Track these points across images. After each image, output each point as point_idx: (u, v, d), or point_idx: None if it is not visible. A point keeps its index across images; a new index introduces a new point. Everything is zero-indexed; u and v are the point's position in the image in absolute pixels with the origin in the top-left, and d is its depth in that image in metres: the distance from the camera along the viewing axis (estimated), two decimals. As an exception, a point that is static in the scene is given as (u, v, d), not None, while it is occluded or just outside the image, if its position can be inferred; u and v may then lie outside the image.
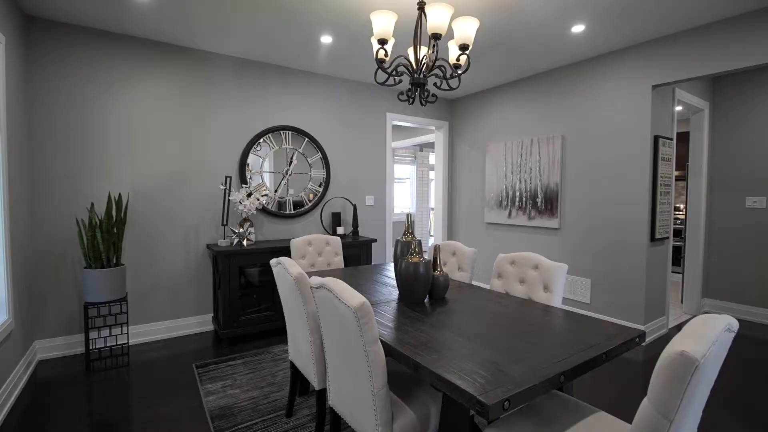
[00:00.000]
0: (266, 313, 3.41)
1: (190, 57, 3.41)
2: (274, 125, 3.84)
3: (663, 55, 3.13)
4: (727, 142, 4.11)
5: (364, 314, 1.32)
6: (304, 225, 4.09)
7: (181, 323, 3.45)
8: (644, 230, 3.30)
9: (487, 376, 1.19)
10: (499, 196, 4.55)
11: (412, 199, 8.15)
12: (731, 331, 1.05)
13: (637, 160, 3.33)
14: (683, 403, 0.93)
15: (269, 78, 3.81)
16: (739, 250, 4.04)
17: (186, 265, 3.46)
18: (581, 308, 3.79)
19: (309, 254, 3.09)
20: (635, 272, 3.36)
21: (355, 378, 1.45)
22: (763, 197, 3.87)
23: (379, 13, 2.05)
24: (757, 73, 3.91)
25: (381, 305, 1.93)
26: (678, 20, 2.83)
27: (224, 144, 3.60)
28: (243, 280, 3.39)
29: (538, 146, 4.11)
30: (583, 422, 1.38)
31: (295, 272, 1.82)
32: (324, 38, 3.18)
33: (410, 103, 2.30)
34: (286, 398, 2.38)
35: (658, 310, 3.52)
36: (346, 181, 4.37)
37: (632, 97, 3.35)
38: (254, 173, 3.75)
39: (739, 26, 2.73)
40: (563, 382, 1.24)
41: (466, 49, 2.12)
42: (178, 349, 3.14)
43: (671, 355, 0.93)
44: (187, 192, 3.44)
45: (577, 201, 3.79)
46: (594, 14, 2.75)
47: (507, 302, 1.99)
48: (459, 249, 2.73)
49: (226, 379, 2.62)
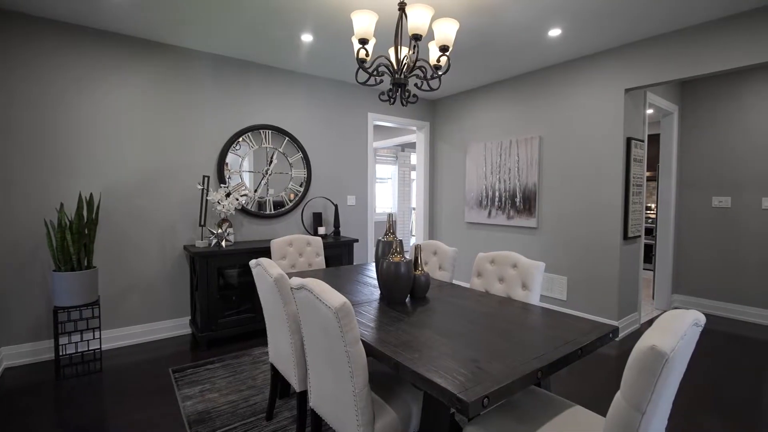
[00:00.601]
0: (246, 315, 3.36)
1: (167, 53, 3.32)
2: (254, 124, 3.79)
3: (635, 59, 3.24)
4: (695, 143, 4.29)
5: (345, 314, 1.32)
6: (285, 225, 4.04)
7: (156, 327, 3.35)
8: (617, 229, 3.41)
9: (467, 374, 1.20)
10: (480, 196, 4.61)
11: (394, 199, 8.18)
12: (698, 326, 1.09)
13: (610, 161, 3.44)
14: (654, 395, 0.96)
15: (249, 76, 3.75)
16: (706, 247, 4.22)
17: (162, 267, 3.37)
18: (558, 305, 3.88)
19: (289, 255, 3.06)
20: (609, 270, 3.47)
21: (337, 379, 1.44)
22: (728, 197, 4.06)
23: (359, 12, 2.04)
24: (723, 79, 4.09)
25: (362, 305, 1.93)
26: (649, 27, 2.94)
27: (202, 143, 3.52)
28: (222, 282, 3.33)
29: (517, 147, 4.19)
30: (560, 417, 1.42)
31: (275, 273, 1.79)
32: (305, 37, 3.15)
33: (391, 103, 2.31)
34: (266, 401, 2.35)
35: (630, 306, 3.64)
36: (328, 180, 4.34)
37: (606, 99, 3.46)
38: (233, 173, 3.69)
39: (706, 33, 2.85)
40: (540, 378, 1.26)
41: (447, 50, 2.14)
42: (153, 354, 3.06)
43: (642, 349, 0.96)
44: (163, 192, 3.35)
45: (554, 201, 3.88)
46: (570, 19, 2.82)
47: (486, 301, 2.02)
48: (440, 248, 2.76)
49: (204, 383, 2.56)
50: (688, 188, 4.34)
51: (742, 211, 3.98)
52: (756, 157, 3.88)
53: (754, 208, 3.90)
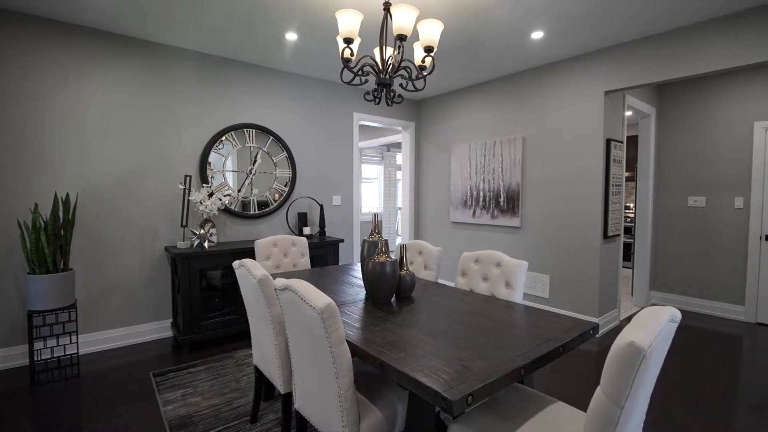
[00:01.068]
0: (230, 317, 3.31)
1: (149, 51, 3.24)
2: (238, 123, 3.73)
3: (614, 63, 3.32)
4: (672, 145, 4.42)
5: (329, 315, 1.31)
6: (269, 225, 4.00)
7: (137, 330, 3.27)
8: (598, 228, 3.49)
9: (452, 372, 1.21)
10: (464, 195, 4.65)
11: (380, 199, 8.18)
12: (674, 322, 1.13)
13: (591, 162, 3.52)
14: (633, 390, 0.99)
15: (232, 74, 3.69)
16: (682, 246, 4.35)
17: (142, 269, 3.29)
18: (541, 303, 3.95)
19: (274, 255, 3.02)
20: (590, 268, 3.55)
21: (322, 380, 1.43)
22: (703, 197, 4.20)
23: (344, 12, 2.03)
24: (699, 82, 4.23)
25: (348, 306, 1.92)
26: (627, 31, 3.01)
27: (184, 142, 3.45)
28: (205, 284, 3.27)
29: (501, 147, 4.24)
30: (543, 413, 1.44)
31: (258, 274, 1.77)
32: (289, 35, 3.12)
33: (376, 103, 2.31)
34: (250, 404, 2.32)
35: (610, 303, 3.73)
36: (313, 180, 4.31)
37: (587, 101, 3.53)
38: (216, 172, 3.63)
39: (683, 38, 2.94)
40: (524, 375, 1.28)
41: (431, 51, 2.15)
42: (133, 358, 2.98)
43: (621, 345, 0.99)
44: (144, 192, 3.28)
45: (537, 200, 3.95)
46: (552, 22, 2.87)
47: (471, 299, 2.04)
48: (425, 248, 2.77)
49: (186, 387, 2.51)
50: (665, 188, 4.47)
51: (715, 211, 4.12)
52: (728, 158, 4.03)
53: (727, 207, 4.04)
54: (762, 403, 2.40)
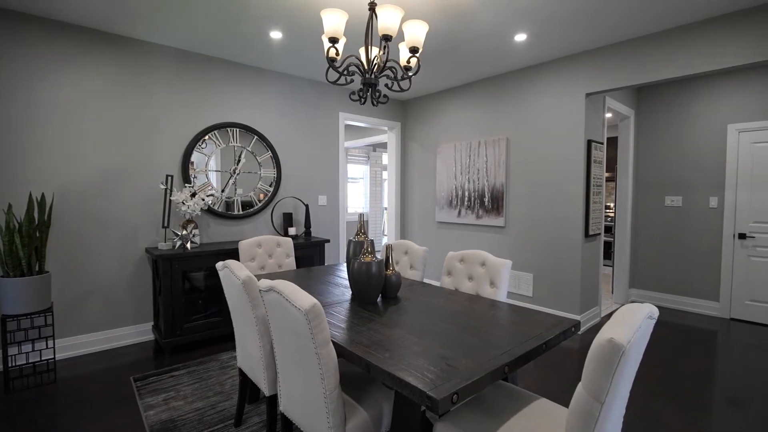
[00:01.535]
0: (213, 319, 3.26)
1: (128, 47, 3.17)
2: (221, 122, 3.68)
3: (595, 65, 3.40)
4: (650, 146, 4.55)
5: (315, 316, 1.31)
6: (254, 226, 3.95)
7: (116, 333, 3.19)
8: (579, 227, 3.56)
9: (437, 371, 1.22)
10: (450, 195, 4.68)
11: (366, 199, 8.17)
12: (652, 318, 1.16)
13: (573, 163, 3.59)
14: (612, 385, 1.02)
15: (216, 72, 3.64)
16: (659, 244, 4.48)
17: (122, 271, 3.21)
18: (525, 301, 4.01)
19: (259, 256, 2.99)
20: (571, 266, 3.62)
21: (307, 381, 1.43)
22: (680, 197, 4.33)
23: (329, 11, 2.03)
24: (676, 85, 4.36)
25: (333, 306, 1.92)
26: (608, 35, 3.08)
27: (165, 140, 3.38)
28: (187, 285, 3.21)
29: (485, 148, 4.29)
30: (526, 409, 1.46)
31: (242, 275, 1.75)
32: (274, 34, 3.09)
33: (362, 103, 2.31)
34: (234, 407, 2.29)
35: (591, 300, 3.82)
36: (298, 180, 4.28)
37: (568, 103, 3.60)
38: (199, 172, 3.56)
39: (661, 41, 3.02)
40: (507, 372, 1.30)
41: (416, 51, 2.16)
42: (113, 362, 2.91)
43: (601, 342, 1.01)
44: (124, 192, 3.20)
45: (521, 200, 4.00)
46: (535, 25, 2.92)
47: (456, 298, 2.06)
48: (411, 248, 2.78)
49: (168, 391, 2.46)
50: (644, 188, 4.59)
51: (691, 210, 4.25)
52: (703, 159, 4.17)
53: (703, 207, 4.18)
54: (736, 396, 2.49)
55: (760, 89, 3.81)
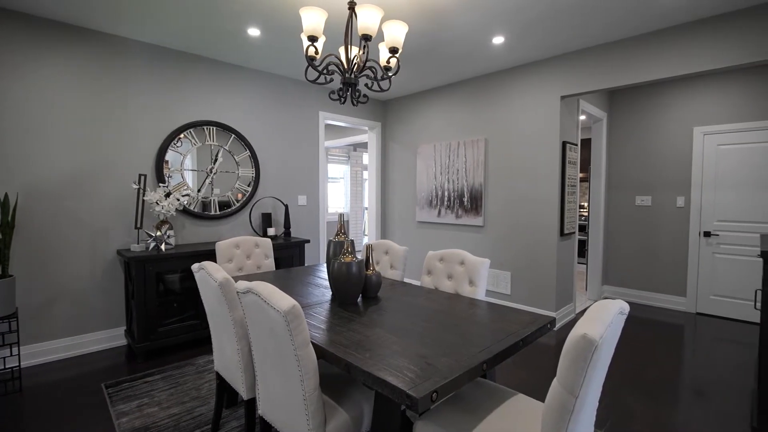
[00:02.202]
0: (189, 323, 3.18)
1: (100, 42, 3.05)
2: (197, 120, 3.59)
3: (570, 69, 3.49)
4: (621, 148, 4.71)
5: (294, 317, 1.29)
6: (232, 227, 3.88)
7: (87, 339, 3.07)
8: (555, 226, 3.65)
9: (417, 370, 1.23)
10: (430, 195, 4.72)
11: (347, 199, 8.14)
12: (623, 314, 1.20)
13: (548, 163, 3.68)
14: (586, 379, 1.05)
15: (192, 69, 3.55)
16: (630, 242, 4.64)
17: (92, 274, 3.09)
18: (503, 299, 4.08)
19: (237, 257, 2.94)
20: (547, 264, 3.71)
21: (286, 383, 1.41)
22: (649, 196, 4.50)
23: (308, 9, 2.01)
24: (646, 89, 4.53)
25: (313, 307, 1.90)
26: (581, 40, 3.17)
27: (138, 138, 3.28)
28: (162, 288, 3.12)
29: (464, 148, 4.34)
30: (504, 405, 1.49)
31: (219, 277, 1.72)
32: (251, 31, 3.04)
33: (342, 102, 2.30)
34: (212, 412, 2.24)
35: (567, 297, 3.92)
36: (277, 180, 4.23)
37: (544, 105, 3.69)
38: (174, 171, 3.47)
39: (632, 46, 3.13)
40: (486, 369, 1.32)
41: (396, 52, 2.17)
42: (83, 369, 2.80)
43: (575, 338, 1.04)
44: (94, 191, 3.08)
45: (499, 200, 4.08)
46: (511, 28, 2.97)
47: (436, 297, 2.08)
48: (391, 248, 2.79)
49: (142, 398, 2.39)
50: (616, 188, 4.75)
51: (660, 209, 4.43)
52: (671, 160, 4.34)
53: (670, 206, 4.36)
54: (702, 387, 2.61)
55: (724, 93, 4.01)
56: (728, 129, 3.97)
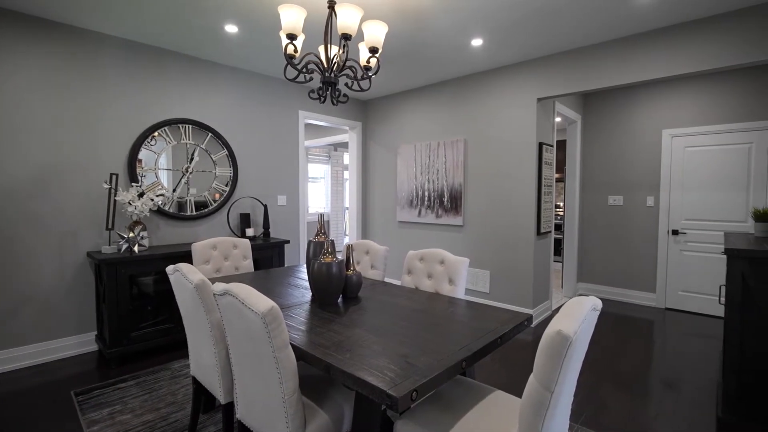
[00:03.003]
0: (164, 326, 3.09)
1: (71, 36, 2.92)
2: (172, 118, 3.49)
3: (546, 72, 3.58)
4: (595, 149, 4.85)
5: (272, 319, 1.28)
6: (209, 227, 3.79)
7: (55, 345, 2.94)
8: (531, 225, 3.73)
9: (397, 369, 1.23)
10: (410, 195, 4.74)
11: (327, 199, 8.09)
12: (596, 310, 1.24)
13: (525, 164, 3.75)
14: (561, 374, 1.07)
15: (167, 65, 3.45)
16: (603, 240, 4.79)
17: (61, 277, 2.96)
18: (482, 298, 4.14)
19: (214, 259, 2.87)
20: (525, 263, 3.79)
21: (265, 386, 1.39)
22: (621, 196, 4.66)
23: (287, 6, 1.98)
24: (619, 92, 4.68)
25: (293, 308, 1.88)
26: (558, 43, 3.25)
27: (110, 136, 3.16)
28: (135, 291, 3.02)
29: (444, 149, 4.38)
30: (483, 402, 1.51)
31: (195, 279, 1.67)
32: (229, 27, 2.98)
33: (321, 101, 2.28)
34: (188, 417, 2.18)
35: (543, 295, 4.01)
36: (256, 180, 4.16)
37: (521, 107, 3.76)
38: (147, 170, 3.36)
39: (606, 51, 3.23)
40: (465, 367, 1.34)
41: (376, 52, 2.17)
42: (51, 377, 2.68)
43: (550, 334, 1.06)
44: (62, 191, 2.95)
45: (478, 200, 4.13)
46: (489, 31, 3.02)
47: (416, 297, 2.09)
48: (372, 248, 2.79)
49: (114, 405, 2.31)
50: (589, 189, 4.89)
51: (631, 209, 4.59)
52: (642, 162, 4.51)
53: (641, 205, 4.52)
54: (671, 379, 2.72)
55: (692, 98, 4.18)
56: (694, 132, 4.15)
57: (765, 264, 1.88)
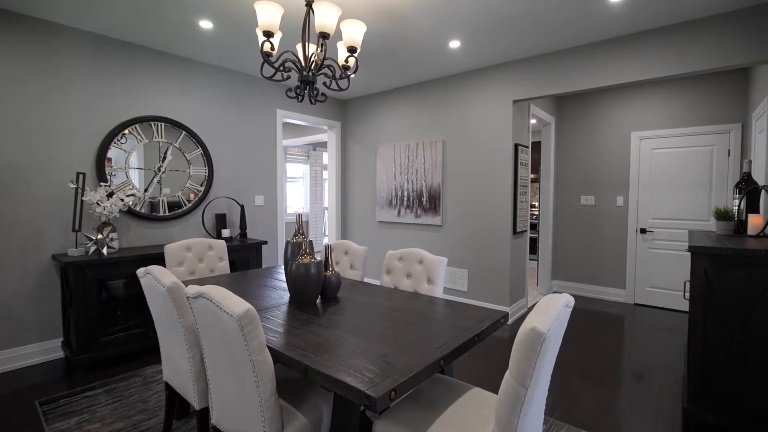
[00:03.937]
0: (135, 331, 2.99)
1: (36, 29, 2.78)
2: (143, 115, 3.38)
3: (521, 75, 3.66)
4: (567, 150, 4.99)
5: (249, 322, 1.25)
6: (183, 228, 3.69)
7: (17, 353, 2.80)
8: (508, 225, 3.81)
9: (375, 369, 1.23)
10: (390, 195, 4.75)
11: (306, 199, 8.01)
12: (569, 307, 1.27)
13: (502, 164, 3.83)
14: (536, 370, 1.10)
15: (139, 62, 3.33)
16: (575, 239, 4.94)
17: (23, 282, 2.82)
18: (460, 296, 4.19)
19: (188, 261, 2.80)
20: (501, 261, 3.86)
21: (241, 390, 1.36)
22: (593, 196, 4.81)
23: (263, 3, 1.95)
24: (590, 95, 4.83)
25: (270, 310, 1.85)
26: (533, 47, 3.33)
27: (77, 134, 3.03)
28: (105, 295, 2.91)
29: (423, 149, 4.41)
30: (461, 399, 1.53)
31: (168, 282, 1.63)
32: (203, 23, 2.91)
33: (299, 100, 2.25)
34: (161, 425, 2.11)
35: (519, 292, 4.10)
36: (233, 179, 4.07)
37: (497, 109, 3.83)
38: (117, 170, 3.24)
39: (578, 56, 3.33)
40: (443, 365, 1.35)
41: (355, 51, 2.16)
42: (14, 386, 2.54)
43: (525, 331, 1.09)
44: (24, 191, 2.81)
45: (456, 200, 4.18)
46: (467, 33, 3.06)
47: (395, 296, 2.10)
48: (351, 248, 2.78)
49: (82, 413, 2.21)
50: (563, 189, 5.03)
51: (602, 208, 4.75)
52: (612, 163, 4.67)
53: (611, 205, 4.68)
54: (640, 371, 2.82)
55: (659, 101, 4.36)
56: (660, 134, 4.33)
57: (726, 261, 1.98)
